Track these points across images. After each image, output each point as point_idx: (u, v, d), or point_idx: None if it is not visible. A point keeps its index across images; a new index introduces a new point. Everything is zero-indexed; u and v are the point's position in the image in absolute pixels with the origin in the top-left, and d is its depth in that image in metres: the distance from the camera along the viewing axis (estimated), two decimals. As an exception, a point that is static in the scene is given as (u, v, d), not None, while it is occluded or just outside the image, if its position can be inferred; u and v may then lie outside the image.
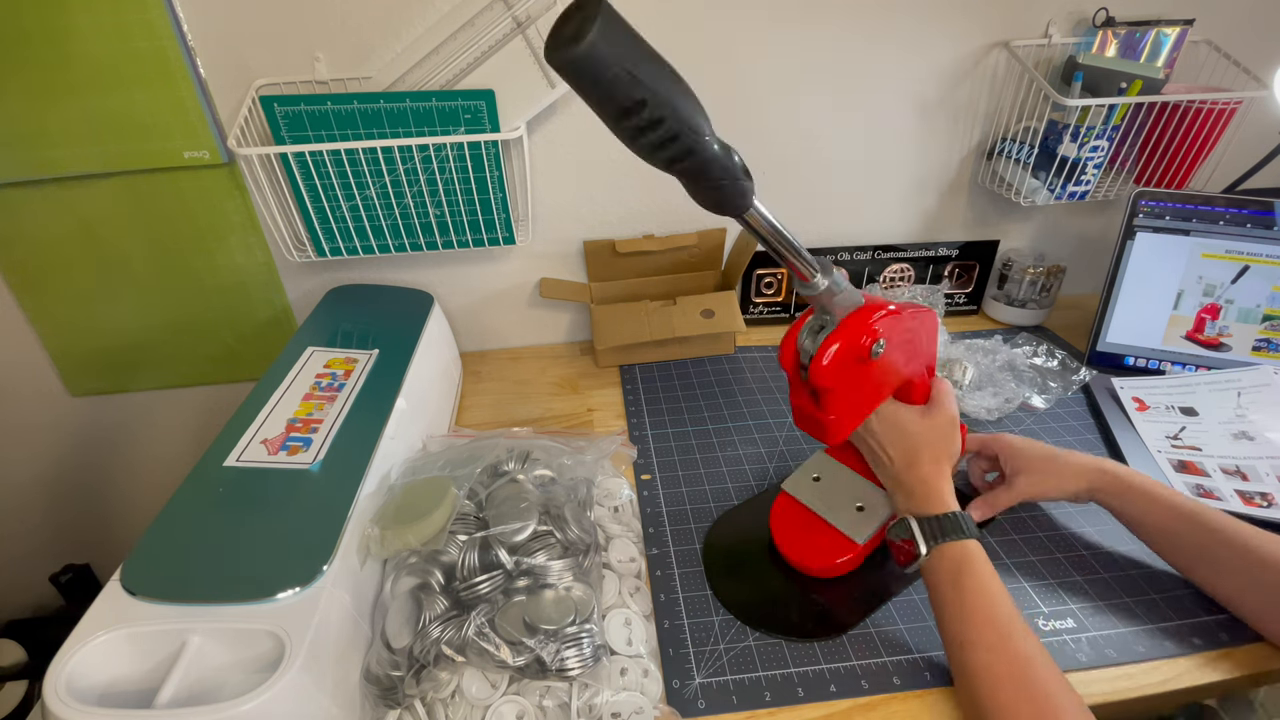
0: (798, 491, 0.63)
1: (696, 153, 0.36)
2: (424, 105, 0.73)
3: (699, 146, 0.36)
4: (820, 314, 0.49)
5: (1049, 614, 0.56)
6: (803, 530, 0.61)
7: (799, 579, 0.60)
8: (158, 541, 0.48)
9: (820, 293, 0.46)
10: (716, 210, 0.40)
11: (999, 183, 0.91)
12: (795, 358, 0.50)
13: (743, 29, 0.80)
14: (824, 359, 0.47)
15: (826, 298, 0.47)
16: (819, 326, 0.48)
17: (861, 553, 0.59)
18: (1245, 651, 0.53)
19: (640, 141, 0.35)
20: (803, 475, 0.64)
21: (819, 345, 0.47)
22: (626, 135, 0.35)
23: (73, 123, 0.74)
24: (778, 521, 0.62)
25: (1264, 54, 0.81)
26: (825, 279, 0.46)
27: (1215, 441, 0.71)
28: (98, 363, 0.92)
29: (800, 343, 0.49)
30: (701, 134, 0.36)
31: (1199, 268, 0.81)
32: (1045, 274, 0.94)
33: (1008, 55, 0.85)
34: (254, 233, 0.85)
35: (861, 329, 0.47)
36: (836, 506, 0.61)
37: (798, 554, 0.59)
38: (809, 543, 0.60)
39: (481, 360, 0.96)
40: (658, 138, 0.35)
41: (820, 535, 0.60)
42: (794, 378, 0.51)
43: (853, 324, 0.47)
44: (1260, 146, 0.83)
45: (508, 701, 0.47)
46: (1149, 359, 0.84)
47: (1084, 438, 0.76)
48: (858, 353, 0.47)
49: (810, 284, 0.46)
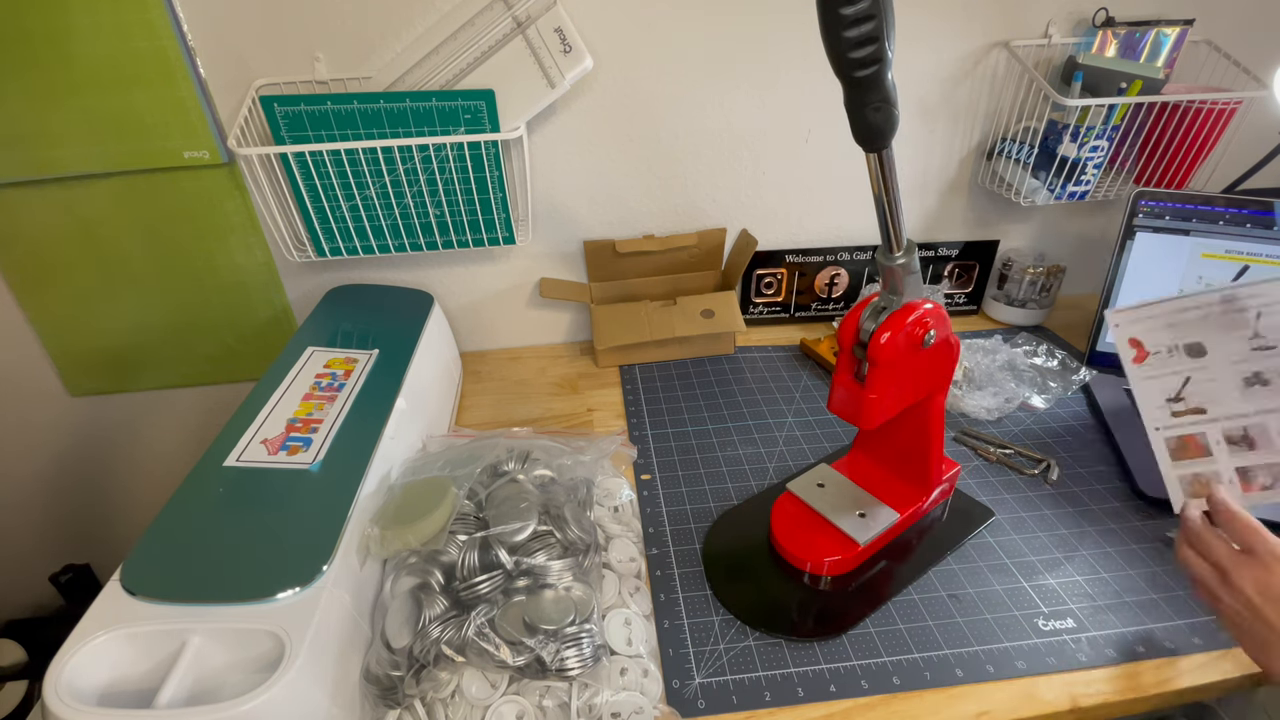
0: (802, 493, 0.64)
1: (884, 62, 0.39)
2: (424, 105, 0.73)
3: (886, 58, 0.38)
4: (885, 296, 0.51)
5: (1049, 614, 0.56)
6: (804, 528, 0.61)
7: (797, 579, 0.60)
8: (158, 541, 0.48)
9: (897, 266, 0.49)
10: (866, 138, 0.43)
11: (999, 183, 0.91)
12: (855, 335, 0.52)
13: (742, 29, 0.80)
14: (883, 336, 0.49)
15: (900, 274, 0.49)
16: (881, 308, 0.51)
17: (861, 555, 0.60)
18: (1245, 651, 0.53)
19: (845, 34, 0.37)
20: (807, 480, 0.65)
21: (880, 323, 0.50)
22: (836, 23, 0.37)
23: (73, 123, 0.74)
24: (779, 519, 0.62)
25: (1264, 54, 0.81)
26: (906, 256, 0.49)
27: (1223, 393, 0.61)
28: (97, 363, 0.92)
29: (862, 322, 0.51)
30: (890, 47, 0.38)
31: (1199, 268, 0.81)
32: (1045, 274, 0.94)
33: (1008, 55, 0.85)
34: (254, 233, 0.85)
35: (920, 316, 0.50)
36: (840, 510, 0.62)
37: (798, 550, 0.60)
38: (810, 540, 0.60)
39: (481, 360, 0.96)
40: (862, 34, 0.37)
41: (822, 534, 0.60)
42: (844, 357, 0.53)
43: (913, 310, 0.50)
44: (1260, 146, 0.83)
45: (507, 701, 0.47)
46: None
47: (1084, 437, 0.76)
48: (912, 338, 0.50)
49: (893, 255, 0.48)
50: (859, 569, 0.60)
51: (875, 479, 0.65)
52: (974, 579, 0.60)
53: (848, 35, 0.37)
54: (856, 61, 0.39)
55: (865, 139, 0.43)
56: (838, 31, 0.38)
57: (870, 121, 0.42)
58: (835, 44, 0.38)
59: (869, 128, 0.42)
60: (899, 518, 0.61)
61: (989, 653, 0.53)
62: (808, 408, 0.83)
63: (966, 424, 0.79)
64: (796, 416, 0.81)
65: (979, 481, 0.71)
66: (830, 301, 1.01)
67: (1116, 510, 0.67)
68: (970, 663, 0.53)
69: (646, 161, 0.87)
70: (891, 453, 0.66)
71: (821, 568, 0.59)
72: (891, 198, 0.46)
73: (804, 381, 0.88)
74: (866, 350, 0.50)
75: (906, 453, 0.63)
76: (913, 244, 0.49)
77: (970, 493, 0.69)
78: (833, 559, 0.59)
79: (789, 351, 0.95)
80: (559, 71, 0.74)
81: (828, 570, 0.59)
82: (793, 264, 0.97)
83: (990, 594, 0.58)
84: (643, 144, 0.86)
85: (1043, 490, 0.69)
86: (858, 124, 0.43)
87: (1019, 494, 0.69)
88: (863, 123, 0.42)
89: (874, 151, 0.44)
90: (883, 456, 0.67)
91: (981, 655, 0.53)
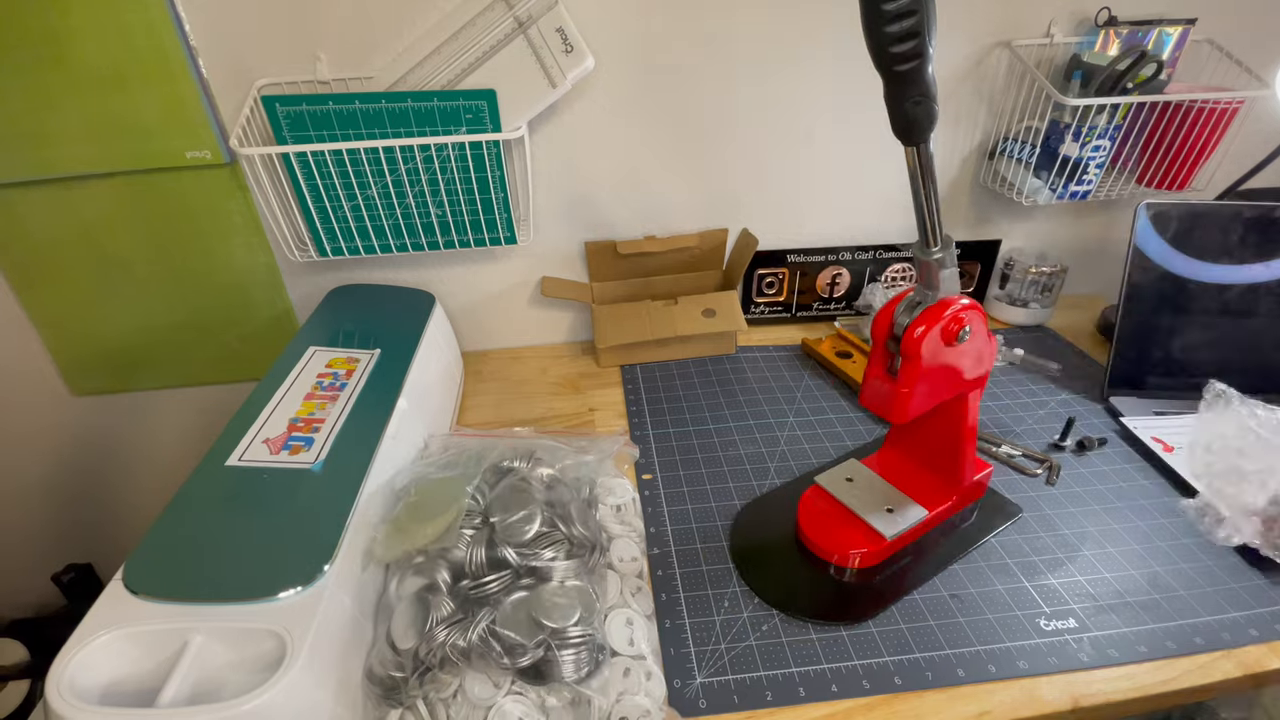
0: (831, 486, 0.64)
1: (924, 57, 0.39)
2: (425, 105, 0.73)
3: (927, 53, 0.39)
4: (920, 290, 0.52)
5: (1051, 614, 0.56)
6: (832, 521, 0.62)
7: (823, 570, 0.60)
8: (160, 541, 0.49)
9: (933, 260, 0.49)
10: (906, 131, 0.43)
11: (1001, 182, 0.91)
12: (889, 329, 0.52)
13: (743, 28, 0.80)
14: (917, 329, 0.50)
15: (936, 268, 0.49)
16: (916, 303, 0.51)
17: (888, 549, 0.60)
18: (1246, 652, 0.53)
19: (887, 29, 0.38)
20: (836, 474, 0.66)
21: (915, 317, 0.50)
22: (878, 18, 0.38)
23: (74, 123, 0.74)
24: (806, 511, 0.63)
25: (1266, 53, 0.81)
26: (943, 251, 0.49)
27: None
28: (99, 363, 0.92)
29: (896, 316, 0.52)
30: (931, 43, 0.39)
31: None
32: (1047, 274, 0.94)
33: (1010, 55, 0.85)
34: (256, 233, 0.85)
35: (955, 312, 0.51)
36: (868, 505, 0.62)
37: (826, 541, 0.60)
38: (837, 533, 0.61)
39: (483, 360, 0.96)
40: (903, 29, 0.38)
41: (849, 527, 0.61)
42: (877, 351, 0.53)
43: (948, 305, 0.51)
44: (1263, 146, 0.83)
45: (510, 701, 0.47)
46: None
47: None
48: (947, 333, 0.50)
49: (930, 249, 0.49)
50: (887, 562, 0.61)
51: (905, 476, 0.65)
52: (976, 579, 0.60)
53: (889, 30, 0.38)
54: (898, 56, 0.39)
55: (904, 133, 0.43)
56: (880, 26, 0.38)
57: (910, 115, 0.42)
58: (877, 38, 0.39)
59: (909, 122, 0.43)
60: (927, 515, 0.62)
61: (990, 653, 0.53)
62: (809, 407, 0.83)
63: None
64: (798, 416, 0.81)
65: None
66: (832, 301, 1.01)
67: (1118, 511, 0.67)
68: (972, 662, 0.53)
69: (648, 161, 0.87)
70: (923, 450, 0.66)
71: (848, 560, 0.60)
72: (930, 191, 0.46)
73: (805, 381, 0.88)
74: (900, 344, 0.51)
75: (938, 451, 0.64)
76: (950, 239, 0.49)
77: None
78: (860, 552, 0.59)
79: (790, 351, 0.95)
80: (560, 71, 0.74)
81: (855, 563, 0.60)
82: (794, 264, 0.96)
83: (992, 594, 0.58)
84: (644, 144, 0.86)
85: (1045, 491, 0.69)
86: (897, 118, 0.43)
87: (1021, 494, 0.69)
88: (902, 117, 0.43)
89: (912, 145, 0.44)
90: (914, 454, 0.67)
91: (983, 655, 0.53)
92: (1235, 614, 0.56)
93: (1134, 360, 0.82)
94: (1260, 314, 0.80)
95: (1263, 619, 0.55)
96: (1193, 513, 0.65)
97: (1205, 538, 0.63)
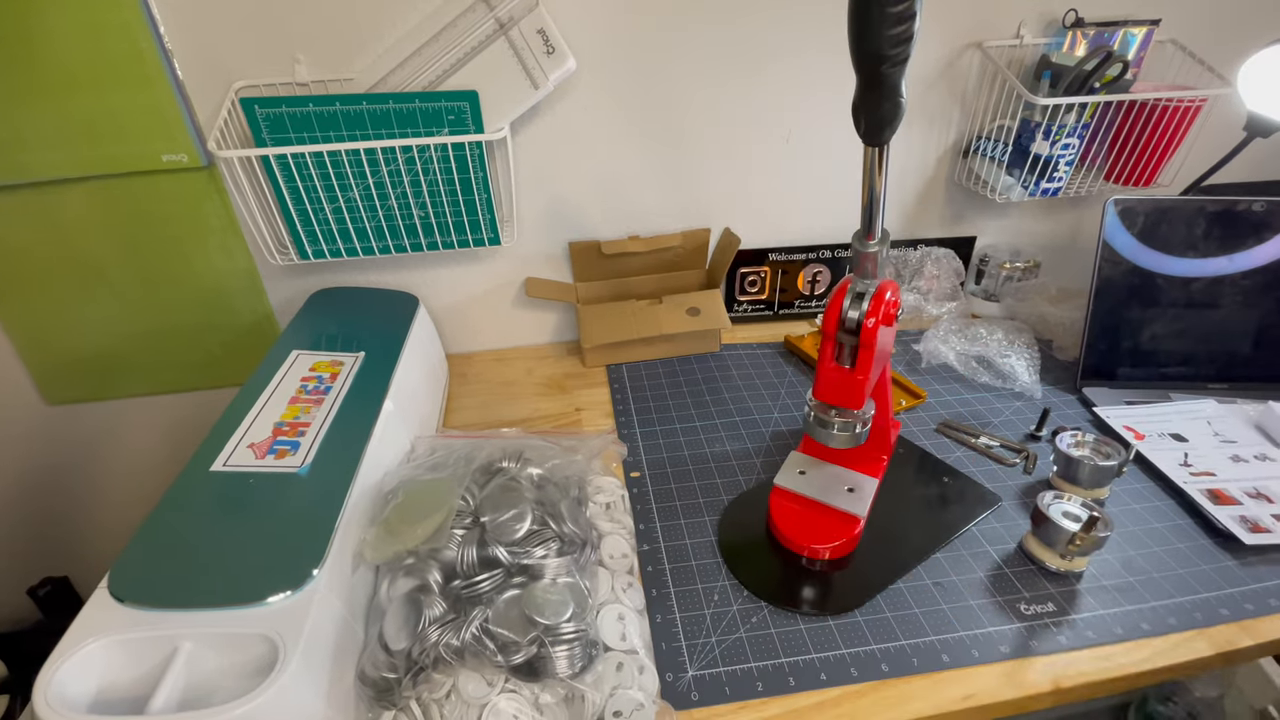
0: (790, 484, 0.65)
1: (907, 58, 0.40)
2: (407, 107, 0.73)
3: (910, 53, 0.40)
4: (858, 281, 0.54)
5: (1030, 599, 0.58)
6: (805, 517, 0.63)
7: (806, 564, 0.62)
8: (145, 547, 0.48)
9: (872, 253, 0.52)
10: (874, 131, 0.44)
11: (975, 180, 0.93)
12: (839, 324, 0.54)
13: (724, 31, 0.81)
14: (870, 320, 0.53)
15: (873, 260, 0.52)
16: (859, 294, 0.53)
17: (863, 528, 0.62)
18: (1218, 631, 0.55)
19: (890, 30, 0.38)
20: (789, 472, 0.67)
21: (867, 309, 0.53)
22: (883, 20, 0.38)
23: (47, 126, 0.73)
24: (779, 514, 0.64)
25: (1227, 52, 0.84)
26: (880, 246, 0.52)
27: (1220, 465, 0.70)
28: (75, 370, 0.90)
29: (845, 310, 0.54)
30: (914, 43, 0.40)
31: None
32: (1021, 269, 0.96)
33: (981, 56, 0.87)
34: (235, 236, 0.84)
35: (893, 297, 0.54)
36: (829, 491, 0.64)
37: (807, 539, 0.61)
38: (815, 527, 0.62)
39: (468, 362, 0.96)
40: (905, 31, 0.38)
41: (823, 517, 0.63)
42: (828, 345, 0.55)
43: (884, 291, 0.53)
44: (1225, 142, 0.85)
45: (505, 699, 0.48)
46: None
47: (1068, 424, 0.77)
48: (888, 317, 0.54)
49: (870, 243, 0.52)
50: (865, 544, 0.62)
51: (842, 454, 0.68)
52: (958, 566, 0.61)
53: (892, 32, 0.38)
54: (892, 58, 0.39)
55: (875, 133, 0.44)
56: (883, 29, 0.38)
57: (886, 111, 0.43)
58: (876, 41, 0.38)
59: (880, 122, 0.43)
60: (878, 482, 0.65)
61: (974, 638, 0.55)
62: (793, 402, 0.84)
63: (948, 416, 0.80)
64: (782, 411, 0.82)
65: (965, 473, 0.72)
66: (813, 299, 1.02)
67: (1093, 497, 0.68)
68: (956, 648, 0.54)
69: (631, 162, 0.88)
70: None
71: (831, 549, 0.61)
72: (883, 191, 0.48)
73: (789, 377, 0.89)
74: (859, 336, 0.53)
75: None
76: (888, 233, 0.52)
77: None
78: (843, 538, 0.61)
79: (773, 348, 0.96)
80: (542, 72, 0.74)
81: (838, 551, 0.61)
82: (776, 262, 0.98)
83: (974, 581, 0.60)
84: (627, 145, 0.87)
85: (1023, 480, 0.71)
86: (871, 119, 0.43)
87: (1000, 484, 0.70)
88: (875, 117, 0.43)
89: (877, 145, 0.45)
90: None
91: (967, 640, 0.55)
92: (1206, 594, 0.58)
93: (1105, 352, 0.85)
94: (1224, 305, 0.83)
95: (1233, 599, 0.58)
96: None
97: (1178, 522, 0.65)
